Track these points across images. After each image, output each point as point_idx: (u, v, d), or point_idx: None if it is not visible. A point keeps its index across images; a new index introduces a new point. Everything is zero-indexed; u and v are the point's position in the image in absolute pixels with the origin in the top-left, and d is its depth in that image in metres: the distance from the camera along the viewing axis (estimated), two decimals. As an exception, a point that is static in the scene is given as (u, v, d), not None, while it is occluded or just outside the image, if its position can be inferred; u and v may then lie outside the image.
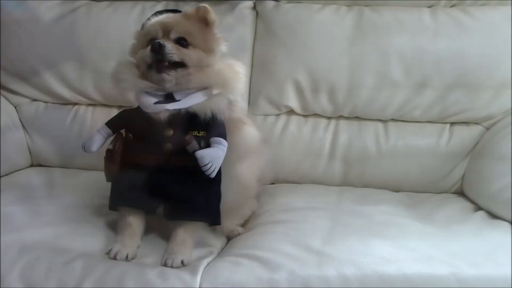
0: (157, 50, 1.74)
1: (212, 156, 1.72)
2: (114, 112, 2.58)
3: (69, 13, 2.70)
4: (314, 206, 2.20)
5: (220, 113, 1.78)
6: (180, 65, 1.77)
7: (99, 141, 1.89)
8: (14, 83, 2.74)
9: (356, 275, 1.62)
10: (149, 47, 1.76)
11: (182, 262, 1.70)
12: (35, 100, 2.78)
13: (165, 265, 1.70)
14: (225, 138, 1.79)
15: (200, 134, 1.78)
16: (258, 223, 2.06)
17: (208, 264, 1.74)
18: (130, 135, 1.87)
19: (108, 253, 1.74)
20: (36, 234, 1.81)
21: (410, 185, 2.57)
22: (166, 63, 1.75)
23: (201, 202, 1.81)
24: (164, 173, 1.80)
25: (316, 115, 2.64)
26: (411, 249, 1.78)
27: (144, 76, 1.81)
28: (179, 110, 1.76)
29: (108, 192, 2.04)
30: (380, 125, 2.61)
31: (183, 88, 1.78)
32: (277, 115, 2.64)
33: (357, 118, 2.62)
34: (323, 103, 2.58)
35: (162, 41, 1.76)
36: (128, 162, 1.86)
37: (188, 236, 1.79)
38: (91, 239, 1.84)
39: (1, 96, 2.74)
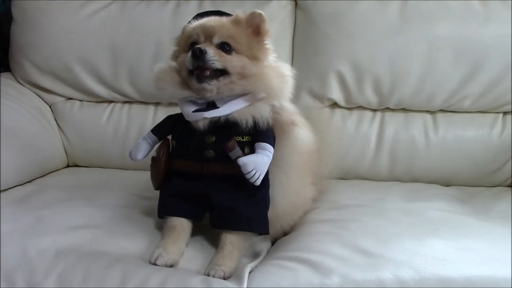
0: (198, 56, 1.64)
1: (256, 163, 1.63)
2: (151, 109, 2.62)
3: (102, 9, 2.65)
4: (362, 203, 2.11)
5: (263, 120, 1.68)
6: (222, 72, 1.67)
7: (145, 149, 1.85)
8: (48, 82, 2.69)
9: (414, 278, 1.52)
10: (190, 53, 1.66)
11: (224, 275, 1.61)
12: (70, 98, 2.74)
13: (207, 275, 1.62)
14: (271, 142, 1.70)
15: (244, 140, 1.70)
16: (304, 222, 1.96)
17: (253, 269, 1.65)
18: (174, 141, 1.81)
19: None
20: (72, 237, 1.74)
21: (461, 179, 2.48)
22: (207, 72, 1.65)
23: (246, 211, 1.71)
24: (207, 181, 1.73)
25: (360, 107, 2.56)
26: (471, 249, 1.67)
27: (185, 82, 1.73)
28: (219, 117, 1.68)
29: (147, 192, 2.05)
30: (428, 116, 2.52)
31: (224, 96, 1.69)
32: (320, 108, 2.55)
33: (404, 109, 2.54)
34: (368, 95, 2.49)
35: (203, 46, 1.66)
36: (172, 170, 1.79)
37: (235, 249, 1.70)
38: (130, 241, 1.77)
39: (35, 95, 2.72)
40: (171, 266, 1.64)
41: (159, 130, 1.87)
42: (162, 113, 2.61)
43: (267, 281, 1.54)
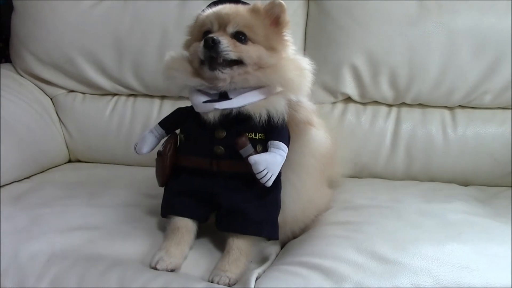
0: (211, 46, 1.56)
1: (268, 162, 1.54)
2: (157, 103, 2.55)
3: (106, -2, 2.59)
4: (378, 203, 2.01)
5: (279, 115, 1.59)
6: (236, 62, 1.59)
7: (151, 143, 1.76)
8: (50, 74, 2.63)
9: (433, 286, 1.42)
10: (202, 42, 1.58)
11: (229, 282, 1.53)
12: (72, 91, 2.67)
13: (211, 281, 1.53)
14: (286, 142, 1.61)
15: (257, 137, 1.61)
16: (316, 224, 1.87)
17: (260, 274, 1.56)
18: (182, 136, 1.72)
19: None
20: (68, 239, 1.66)
21: (480, 178, 2.39)
22: (221, 60, 1.57)
23: (256, 214, 1.62)
24: (215, 179, 1.64)
25: (375, 102, 2.47)
26: (494, 254, 1.57)
27: (197, 72, 1.65)
28: (231, 109, 1.59)
29: (151, 190, 1.98)
30: (446, 112, 2.43)
31: (238, 87, 1.61)
32: (333, 103, 2.49)
33: (421, 105, 2.45)
34: (383, 89, 2.40)
35: (217, 36, 1.58)
36: (179, 166, 1.71)
37: (242, 255, 1.61)
38: (130, 244, 1.68)
39: (37, 88, 2.65)
40: (172, 270, 1.55)
41: (167, 123, 1.79)
42: (168, 107, 2.55)
43: (275, 289, 1.46)
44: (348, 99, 2.48)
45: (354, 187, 2.26)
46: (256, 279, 1.53)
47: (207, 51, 1.57)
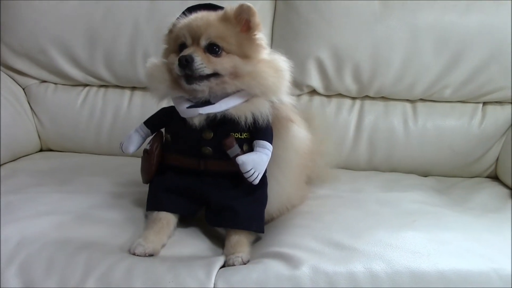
0: (185, 65, 1.59)
1: (255, 162, 1.59)
2: (127, 93, 2.58)
3: (79, -11, 2.58)
4: (339, 194, 2.08)
5: (263, 117, 1.62)
6: (213, 74, 1.61)
7: (137, 142, 1.80)
8: (22, 64, 2.63)
9: (386, 271, 1.48)
10: (177, 61, 1.60)
11: (242, 260, 1.56)
12: (44, 81, 2.68)
13: (227, 265, 1.57)
14: (270, 140, 1.65)
15: (243, 136, 1.65)
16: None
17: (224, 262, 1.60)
18: (169, 136, 1.76)
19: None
20: (38, 224, 1.68)
21: (440, 169, 2.47)
22: (197, 75, 1.60)
23: (245, 210, 1.66)
24: (203, 178, 1.69)
25: (340, 95, 2.53)
26: (446, 241, 1.63)
27: (177, 81, 1.66)
28: (215, 114, 1.62)
29: (120, 178, 2.06)
30: (408, 105, 2.50)
31: (218, 94, 1.63)
32: (299, 95, 2.52)
33: (384, 98, 2.51)
34: (348, 83, 2.46)
35: (190, 52, 1.60)
36: (166, 165, 1.75)
37: (241, 237, 1.65)
38: (98, 228, 1.71)
39: (9, 77, 2.65)
40: (151, 255, 1.57)
41: (152, 123, 1.82)
42: (138, 98, 2.59)
43: (236, 274, 1.50)
44: (313, 92, 2.52)
45: (318, 177, 2.30)
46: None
47: (182, 69, 1.59)
